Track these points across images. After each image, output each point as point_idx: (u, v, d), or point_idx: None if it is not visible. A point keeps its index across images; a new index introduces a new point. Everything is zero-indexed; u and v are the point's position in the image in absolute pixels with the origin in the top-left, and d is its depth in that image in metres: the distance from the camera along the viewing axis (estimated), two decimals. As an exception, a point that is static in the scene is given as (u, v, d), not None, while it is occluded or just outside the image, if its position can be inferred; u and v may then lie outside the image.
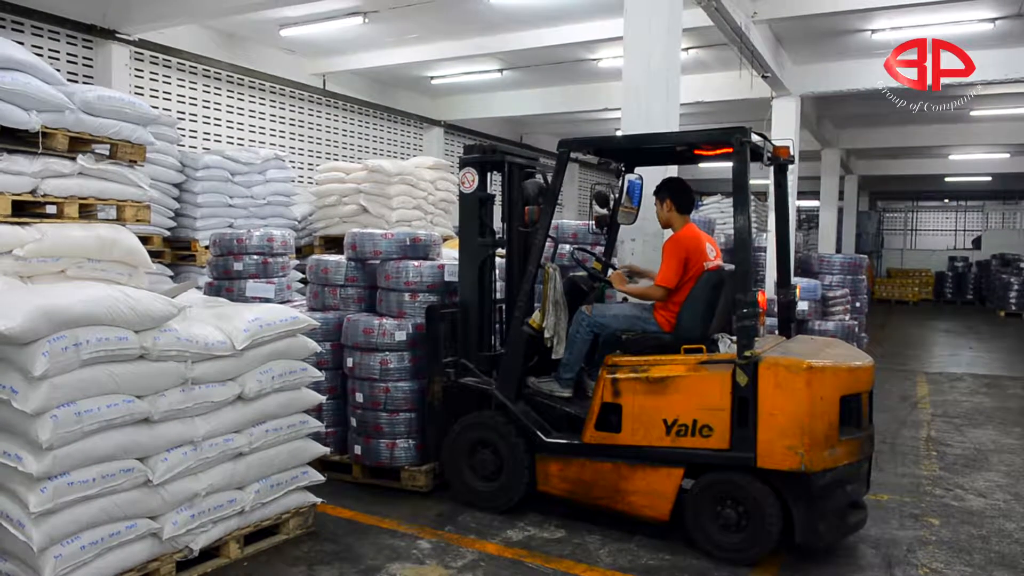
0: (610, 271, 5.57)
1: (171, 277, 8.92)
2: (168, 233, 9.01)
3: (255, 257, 6.81)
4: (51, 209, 5.07)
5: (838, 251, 20.17)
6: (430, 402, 5.48)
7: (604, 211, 5.71)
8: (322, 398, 5.03)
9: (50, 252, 4.81)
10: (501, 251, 5.77)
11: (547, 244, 5.43)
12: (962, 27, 10.71)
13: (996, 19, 10.56)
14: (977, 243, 30.44)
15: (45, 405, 3.46)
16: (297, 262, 8.26)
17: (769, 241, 8.61)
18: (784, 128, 12.97)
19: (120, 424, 3.76)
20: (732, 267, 4.91)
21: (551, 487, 5.03)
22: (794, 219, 4.68)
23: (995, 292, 23.54)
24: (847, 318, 10.18)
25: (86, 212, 5.22)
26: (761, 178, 6.24)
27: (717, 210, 15.90)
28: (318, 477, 4.87)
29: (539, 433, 5.03)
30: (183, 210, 9.06)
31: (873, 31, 11.42)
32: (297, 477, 4.73)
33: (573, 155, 5.28)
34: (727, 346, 4.73)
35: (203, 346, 4.11)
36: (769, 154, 5.18)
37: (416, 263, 5.86)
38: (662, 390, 4.59)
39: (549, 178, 5.47)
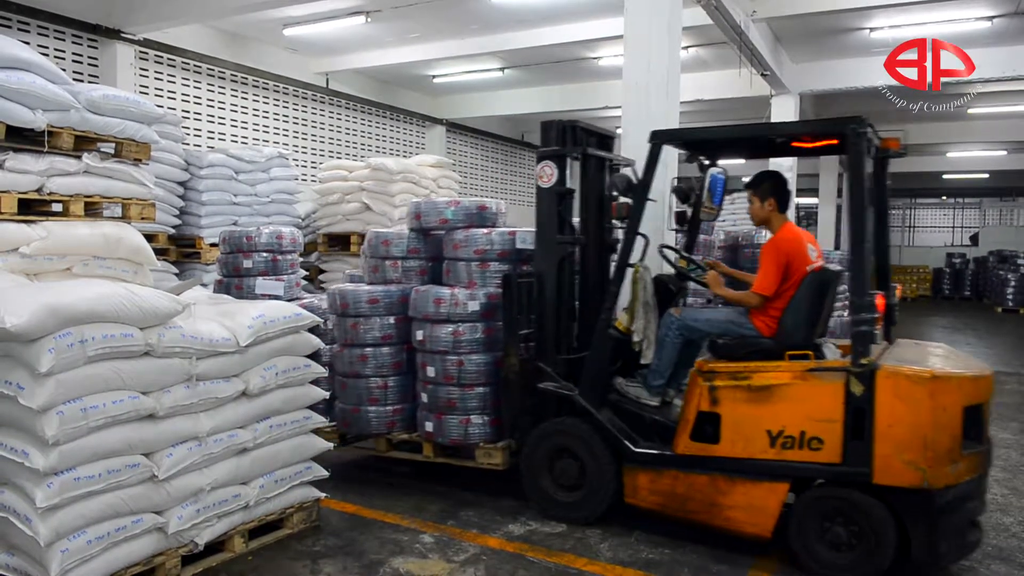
0: (701, 272, 5.19)
1: (176, 274, 8.98)
2: (173, 231, 9.06)
3: (264, 255, 6.83)
4: (57, 207, 5.12)
5: (836, 248, 20.19)
6: (505, 376, 5.23)
7: (685, 207, 5.36)
8: (325, 394, 5.07)
9: (56, 250, 4.86)
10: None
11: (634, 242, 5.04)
12: (960, 25, 10.75)
13: (994, 17, 10.60)
14: (975, 240, 30.50)
15: (51, 401, 3.51)
16: (302, 259, 8.33)
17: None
18: (784, 126, 12.95)
19: (125, 420, 3.80)
20: (835, 268, 4.74)
21: (640, 500, 4.75)
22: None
23: (992, 288, 23.61)
24: (846, 315, 10.20)
25: (92, 210, 5.26)
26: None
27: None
28: (322, 472, 4.91)
29: (627, 443, 4.75)
30: (188, 208, 9.11)
31: (872, 29, 11.46)
32: (301, 472, 4.77)
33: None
34: (833, 352, 4.53)
35: (208, 343, 4.16)
36: (876, 146, 4.68)
37: (485, 231, 5.64)
38: (766, 399, 4.30)
39: (615, 169, 5.30)
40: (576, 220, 5.55)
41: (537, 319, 5.25)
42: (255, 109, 13.09)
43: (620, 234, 5.19)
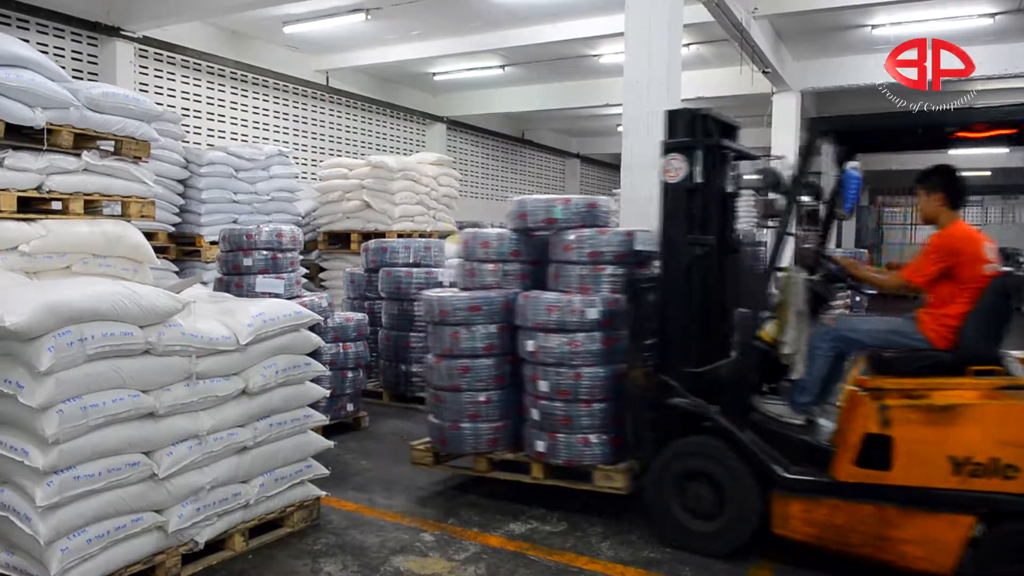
0: (827, 265, 4.75)
1: (176, 273, 8.97)
2: (173, 229, 9.06)
3: (264, 252, 6.80)
4: (56, 205, 5.12)
5: (838, 245, 20.18)
6: (629, 391, 4.81)
7: (775, 196, 4.81)
8: (326, 392, 5.06)
9: (56, 248, 4.86)
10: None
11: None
12: (962, 22, 10.76)
13: (996, 14, 10.60)
14: (977, 237, 30.45)
15: (51, 400, 3.50)
16: (302, 258, 8.34)
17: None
18: (784, 124, 13.00)
19: (125, 418, 3.79)
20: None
21: (790, 531, 4.24)
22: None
23: (996, 286, 23.52)
24: (848, 312, 10.21)
25: (91, 208, 5.26)
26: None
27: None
28: (322, 471, 4.90)
29: (776, 467, 4.24)
30: (187, 206, 9.11)
31: (873, 27, 11.46)
32: (301, 471, 4.76)
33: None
34: (1018, 368, 4.06)
35: (207, 341, 4.15)
36: None
37: (599, 231, 5.20)
38: (949, 421, 3.81)
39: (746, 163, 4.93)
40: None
41: (662, 328, 4.77)
42: (255, 107, 13.08)
43: (740, 235, 4.91)
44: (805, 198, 4.69)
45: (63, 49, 9.94)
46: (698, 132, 4.79)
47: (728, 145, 4.93)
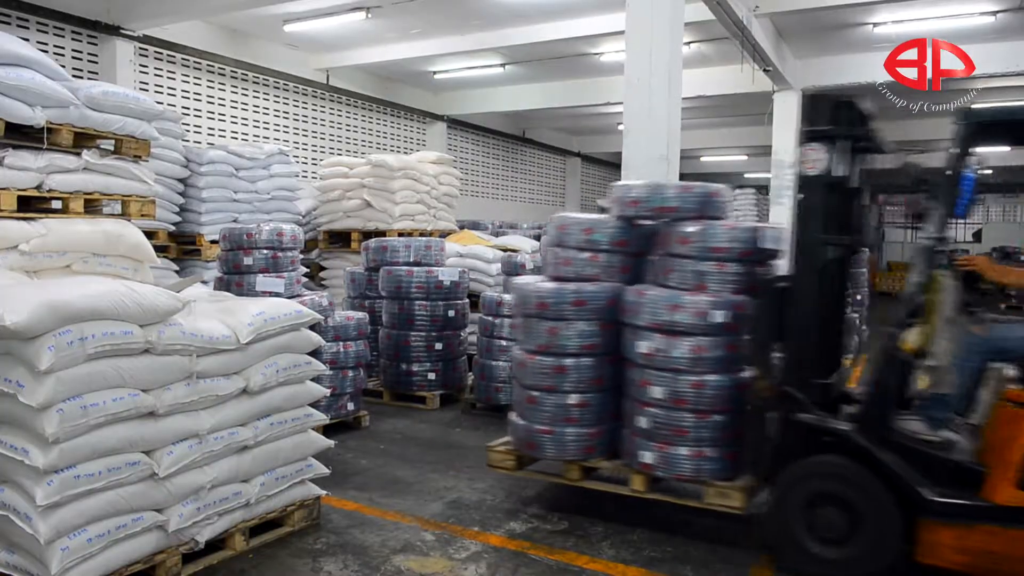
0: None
1: (176, 272, 8.97)
2: (173, 228, 9.06)
3: (264, 251, 6.79)
4: (56, 204, 5.12)
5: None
6: (753, 403, 4.46)
7: (922, 193, 4.36)
8: (326, 391, 5.05)
9: (56, 247, 4.85)
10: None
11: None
12: (963, 20, 10.76)
13: (997, 12, 10.58)
14: (978, 236, 30.43)
15: (51, 399, 3.49)
16: (302, 256, 8.35)
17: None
18: (785, 122, 12.99)
19: (126, 417, 3.78)
20: None
21: (939, 559, 3.88)
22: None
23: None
24: (849, 311, 10.18)
25: (91, 207, 5.25)
26: (763, 171, 6.25)
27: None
28: (323, 470, 4.89)
29: (922, 491, 3.85)
30: (188, 205, 9.11)
31: (875, 25, 11.45)
32: (302, 470, 4.75)
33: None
34: None
35: (208, 340, 4.14)
36: None
37: (726, 224, 4.81)
38: None
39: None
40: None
41: (790, 335, 4.39)
42: (255, 105, 13.07)
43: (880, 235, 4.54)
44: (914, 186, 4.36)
45: (63, 48, 9.93)
46: (842, 120, 4.36)
47: (871, 136, 4.47)
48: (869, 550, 3.98)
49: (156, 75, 11.36)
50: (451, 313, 8.04)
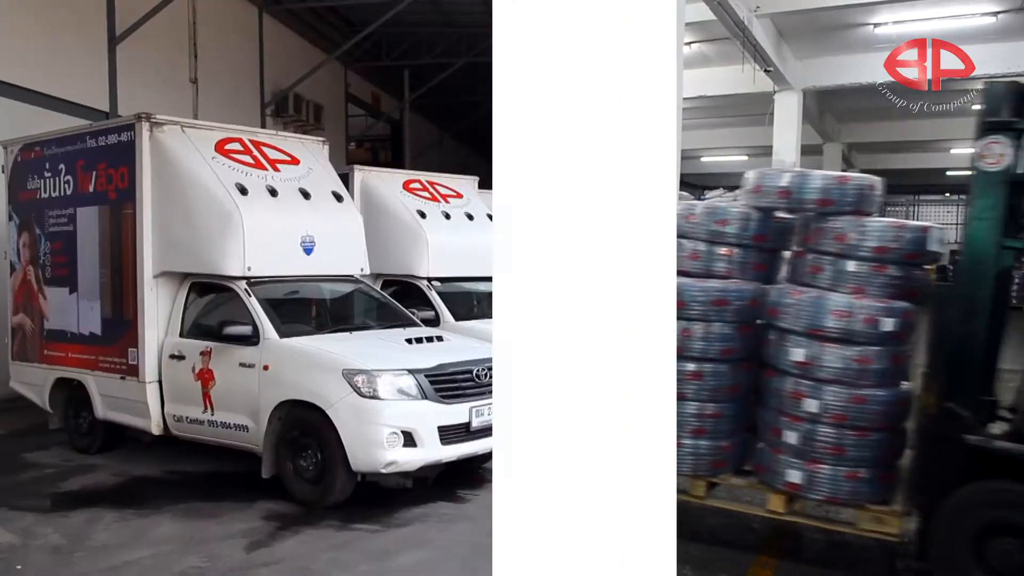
0: None
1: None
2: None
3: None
4: None
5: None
6: (922, 421, 4.06)
7: None
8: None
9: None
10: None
11: None
12: (964, 21, 10.77)
13: (998, 13, 10.60)
14: (979, 236, 30.44)
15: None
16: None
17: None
18: (786, 122, 13.01)
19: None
20: None
21: None
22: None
23: (996, 285, 23.50)
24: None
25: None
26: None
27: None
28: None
29: None
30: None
31: (875, 25, 11.47)
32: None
33: None
34: None
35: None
36: None
37: (892, 221, 4.36)
38: None
39: None
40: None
41: (955, 347, 3.95)
42: None
43: None
44: None
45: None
46: None
47: None
48: None
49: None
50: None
